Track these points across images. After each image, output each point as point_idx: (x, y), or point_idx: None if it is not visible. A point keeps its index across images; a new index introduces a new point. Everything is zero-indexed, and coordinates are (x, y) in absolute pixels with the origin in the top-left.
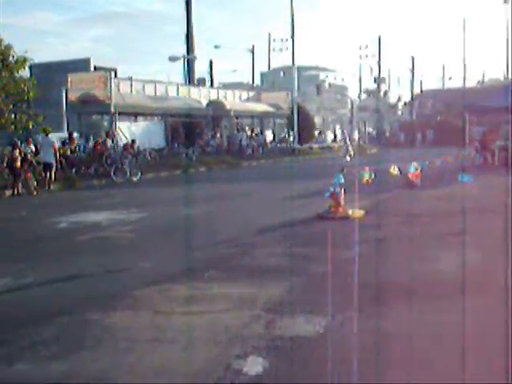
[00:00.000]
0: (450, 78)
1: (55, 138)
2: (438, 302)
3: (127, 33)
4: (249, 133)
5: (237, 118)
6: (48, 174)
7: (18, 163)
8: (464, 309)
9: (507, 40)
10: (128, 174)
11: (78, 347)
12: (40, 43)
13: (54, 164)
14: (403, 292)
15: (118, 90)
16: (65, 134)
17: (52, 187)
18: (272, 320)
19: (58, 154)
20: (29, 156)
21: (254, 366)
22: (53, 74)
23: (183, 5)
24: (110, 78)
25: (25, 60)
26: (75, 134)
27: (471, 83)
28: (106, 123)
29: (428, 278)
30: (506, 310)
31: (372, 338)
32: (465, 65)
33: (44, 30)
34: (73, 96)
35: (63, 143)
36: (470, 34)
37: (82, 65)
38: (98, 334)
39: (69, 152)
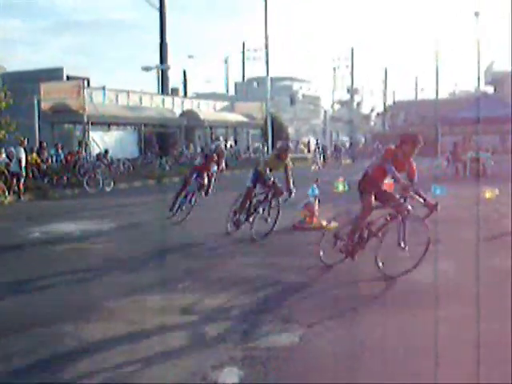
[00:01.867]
0: (422, 90)
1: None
2: (413, 311)
3: (97, 42)
4: (223, 143)
5: (211, 127)
6: (16, 184)
7: None
8: (436, 318)
9: (478, 52)
10: (101, 183)
11: (52, 360)
12: (9, 52)
13: (22, 174)
14: (376, 300)
15: (91, 99)
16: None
17: (22, 197)
18: (247, 330)
19: (22, 164)
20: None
21: (230, 376)
22: (25, 83)
23: (155, 14)
24: (83, 88)
25: None
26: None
27: (443, 95)
28: (78, 133)
29: (401, 288)
30: (475, 318)
31: (347, 347)
32: (437, 76)
33: (13, 39)
34: (45, 105)
35: (38, 153)
36: (442, 46)
37: (54, 74)
38: (71, 346)
39: (38, 160)
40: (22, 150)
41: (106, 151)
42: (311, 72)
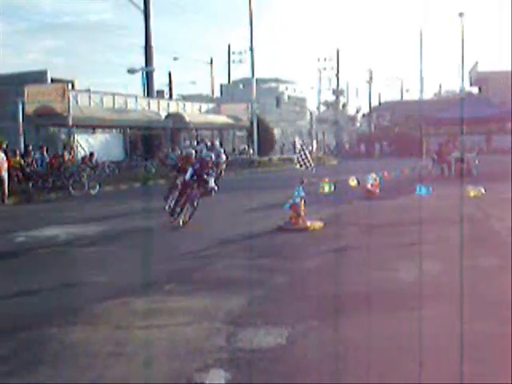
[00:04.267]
0: (407, 91)
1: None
2: (396, 312)
3: (80, 44)
4: (209, 144)
5: (196, 130)
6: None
7: None
8: (421, 318)
9: (462, 52)
10: (86, 187)
11: (37, 363)
12: None
13: (4, 178)
14: (362, 301)
15: (76, 102)
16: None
17: (6, 201)
18: (233, 332)
19: (1, 168)
20: None
21: (216, 378)
22: (8, 86)
23: (138, 16)
24: (68, 90)
25: None
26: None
27: (428, 95)
28: (63, 136)
29: (386, 288)
30: (460, 316)
31: (333, 349)
32: (422, 77)
33: None
34: (30, 108)
35: (22, 156)
36: (426, 46)
37: (38, 77)
38: (57, 349)
39: (22, 164)
40: (2, 153)
41: (91, 154)
42: (297, 73)
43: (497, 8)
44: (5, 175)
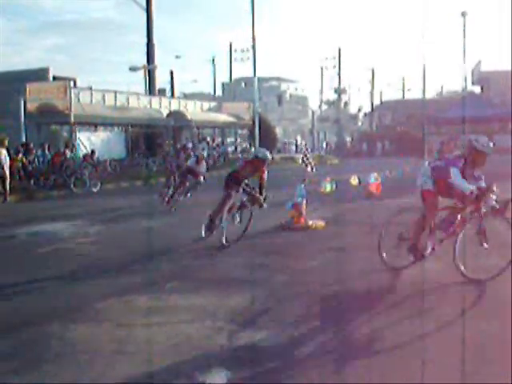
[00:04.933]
0: (409, 90)
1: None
2: (398, 311)
3: (82, 42)
4: (210, 143)
5: (198, 128)
6: (1, 185)
7: None
8: (422, 317)
9: (464, 52)
10: (88, 184)
11: (39, 361)
12: None
13: (6, 175)
14: (363, 301)
15: (78, 99)
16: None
17: (8, 199)
18: (234, 331)
19: (4, 165)
20: None
21: (217, 377)
22: (10, 83)
23: (139, 14)
24: (70, 88)
25: None
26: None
27: (430, 94)
28: (65, 133)
29: (388, 288)
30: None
31: (335, 348)
32: (424, 76)
33: None
34: (31, 106)
35: (24, 154)
36: (429, 46)
37: (40, 74)
38: (58, 347)
39: (24, 161)
40: (4, 150)
41: (93, 152)
42: (299, 72)
43: (499, 8)
44: (7, 172)
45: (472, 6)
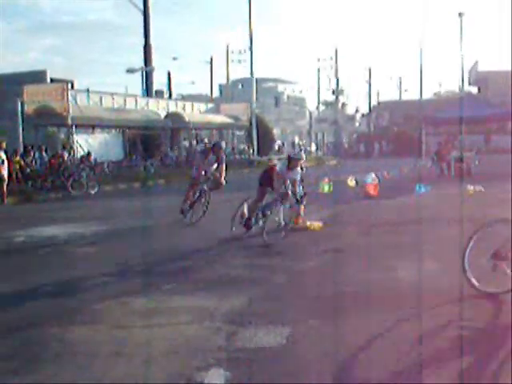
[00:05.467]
0: (406, 90)
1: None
2: (395, 312)
3: (79, 43)
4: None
5: (195, 129)
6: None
7: None
8: (419, 318)
9: (461, 52)
10: (85, 186)
11: (38, 362)
12: None
13: (4, 177)
14: (361, 301)
15: (75, 101)
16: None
17: (6, 201)
18: (233, 332)
19: (1, 168)
20: None
21: (216, 378)
22: (8, 85)
23: (137, 15)
24: (67, 90)
25: None
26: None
27: (428, 95)
28: (63, 135)
29: (386, 288)
30: (460, 314)
31: (334, 348)
32: (421, 76)
33: None
34: (29, 108)
35: (22, 156)
36: (426, 46)
37: (38, 76)
38: (57, 349)
39: (22, 163)
40: (2, 152)
41: (89, 153)
42: (296, 73)
43: (497, 8)
44: (4, 175)
45: (469, 7)
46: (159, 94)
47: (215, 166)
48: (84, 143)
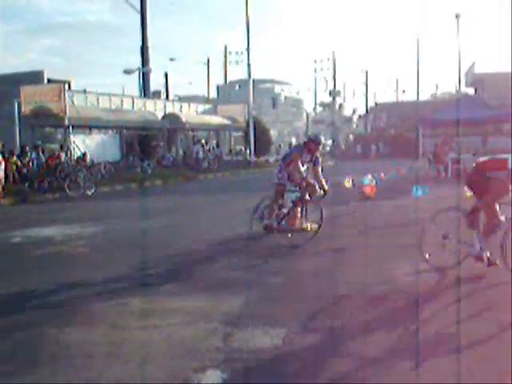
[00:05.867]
0: (403, 92)
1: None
2: (394, 312)
3: (77, 44)
4: (205, 145)
5: (193, 130)
6: None
7: None
8: (418, 318)
9: (458, 54)
10: (82, 187)
11: (34, 363)
12: None
13: (0, 178)
14: (361, 302)
15: (73, 102)
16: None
17: (2, 201)
18: (230, 333)
19: None
20: None
21: (212, 379)
22: (5, 86)
23: (134, 16)
24: (64, 91)
25: None
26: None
27: (424, 96)
28: (59, 136)
29: (382, 289)
30: (457, 315)
31: (331, 350)
32: (418, 78)
33: None
34: (26, 109)
35: (19, 157)
36: (423, 48)
37: (35, 77)
38: (53, 350)
39: (18, 164)
40: None
41: (84, 154)
42: (293, 74)
43: (493, 10)
44: (1, 175)
45: (467, 8)
46: (156, 94)
47: (304, 167)
48: (81, 144)
